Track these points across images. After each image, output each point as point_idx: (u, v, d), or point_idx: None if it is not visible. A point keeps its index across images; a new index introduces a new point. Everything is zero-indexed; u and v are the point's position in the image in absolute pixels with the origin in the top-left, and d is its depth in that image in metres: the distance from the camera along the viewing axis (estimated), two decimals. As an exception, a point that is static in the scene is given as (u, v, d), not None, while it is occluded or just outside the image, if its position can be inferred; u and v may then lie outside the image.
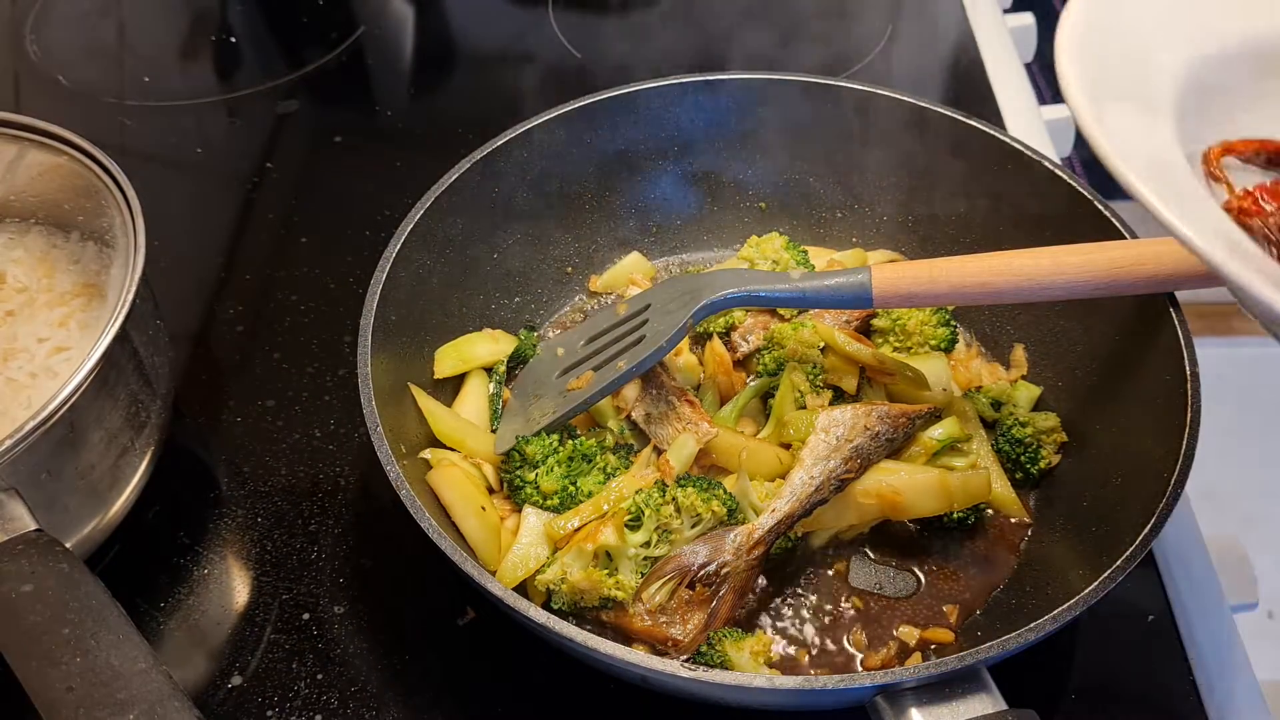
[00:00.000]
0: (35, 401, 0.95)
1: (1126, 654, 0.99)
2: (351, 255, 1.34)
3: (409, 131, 1.56)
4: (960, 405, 1.08)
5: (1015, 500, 1.04)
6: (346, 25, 1.73)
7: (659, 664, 0.78)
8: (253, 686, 0.97)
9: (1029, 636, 0.79)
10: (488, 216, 1.17)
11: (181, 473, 1.13)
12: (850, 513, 1.00)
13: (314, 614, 1.02)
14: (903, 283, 0.96)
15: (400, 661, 0.99)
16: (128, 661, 0.73)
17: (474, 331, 1.15)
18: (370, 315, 0.99)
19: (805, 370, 1.07)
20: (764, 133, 1.25)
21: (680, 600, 0.93)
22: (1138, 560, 0.82)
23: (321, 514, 1.10)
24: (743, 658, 0.91)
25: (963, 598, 0.99)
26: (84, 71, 1.65)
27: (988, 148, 1.14)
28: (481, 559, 0.95)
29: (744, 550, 0.94)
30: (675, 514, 0.93)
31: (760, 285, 1.01)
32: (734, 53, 1.64)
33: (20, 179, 1.08)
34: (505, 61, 1.68)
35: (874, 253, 1.25)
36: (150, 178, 1.43)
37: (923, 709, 0.77)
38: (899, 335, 1.14)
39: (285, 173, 1.50)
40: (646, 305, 1.06)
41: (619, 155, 1.25)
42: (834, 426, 0.98)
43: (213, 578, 1.05)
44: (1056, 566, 0.98)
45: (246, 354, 1.25)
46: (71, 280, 1.06)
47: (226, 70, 1.70)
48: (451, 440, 1.04)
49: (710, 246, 1.31)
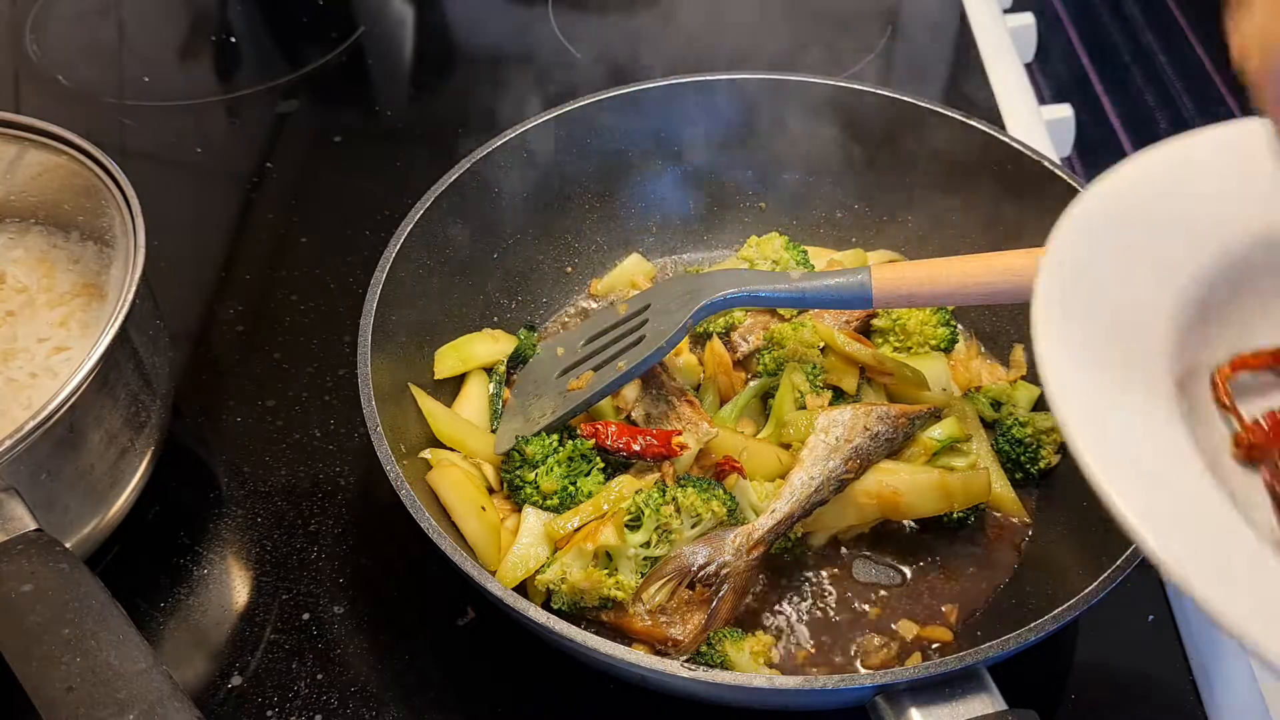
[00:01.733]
0: (35, 401, 0.95)
1: (1126, 654, 0.99)
2: (351, 255, 1.34)
3: (409, 131, 1.56)
4: (960, 405, 1.08)
5: (1015, 500, 1.04)
6: (346, 25, 1.73)
7: (659, 664, 0.78)
8: (253, 686, 0.97)
9: (1029, 636, 0.78)
10: (488, 216, 1.17)
11: (181, 473, 1.13)
12: (850, 513, 1.00)
13: (314, 614, 1.02)
14: (903, 283, 0.96)
15: (400, 661, 0.99)
16: (128, 661, 0.73)
17: (474, 331, 1.15)
18: (370, 315, 0.99)
19: (805, 370, 1.07)
20: (764, 133, 1.25)
21: (680, 600, 0.93)
22: (1138, 560, 0.82)
23: (321, 514, 1.10)
24: (743, 658, 0.91)
25: (963, 598, 0.99)
26: (84, 71, 1.65)
27: (988, 148, 1.14)
28: (481, 559, 0.95)
29: (744, 551, 0.94)
30: (675, 514, 0.93)
31: (760, 285, 1.01)
32: (734, 53, 1.64)
33: (20, 179, 1.08)
34: (505, 61, 1.68)
35: (874, 253, 1.25)
36: (150, 178, 1.43)
37: (922, 709, 0.77)
38: (899, 335, 1.14)
39: (285, 173, 1.50)
40: (646, 305, 1.06)
41: (619, 155, 1.25)
42: (833, 427, 0.98)
43: (213, 578, 1.05)
44: (1056, 566, 0.98)
45: (246, 354, 1.25)
46: (71, 280, 1.06)
47: (226, 70, 1.71)
48: (451, 440, 1.04)
49: (710, 246, 1.31)
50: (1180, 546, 0.55)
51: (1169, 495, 0.58)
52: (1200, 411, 0.69)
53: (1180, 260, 0.70)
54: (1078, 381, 0.62)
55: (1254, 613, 0.53)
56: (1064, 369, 0.62)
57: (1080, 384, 0.62)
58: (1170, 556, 0.54)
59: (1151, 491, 0.58)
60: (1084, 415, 0.60)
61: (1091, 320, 0.66)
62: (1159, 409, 0.63)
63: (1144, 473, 0.59)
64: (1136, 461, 0.59)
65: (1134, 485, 0.57)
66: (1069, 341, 0.64)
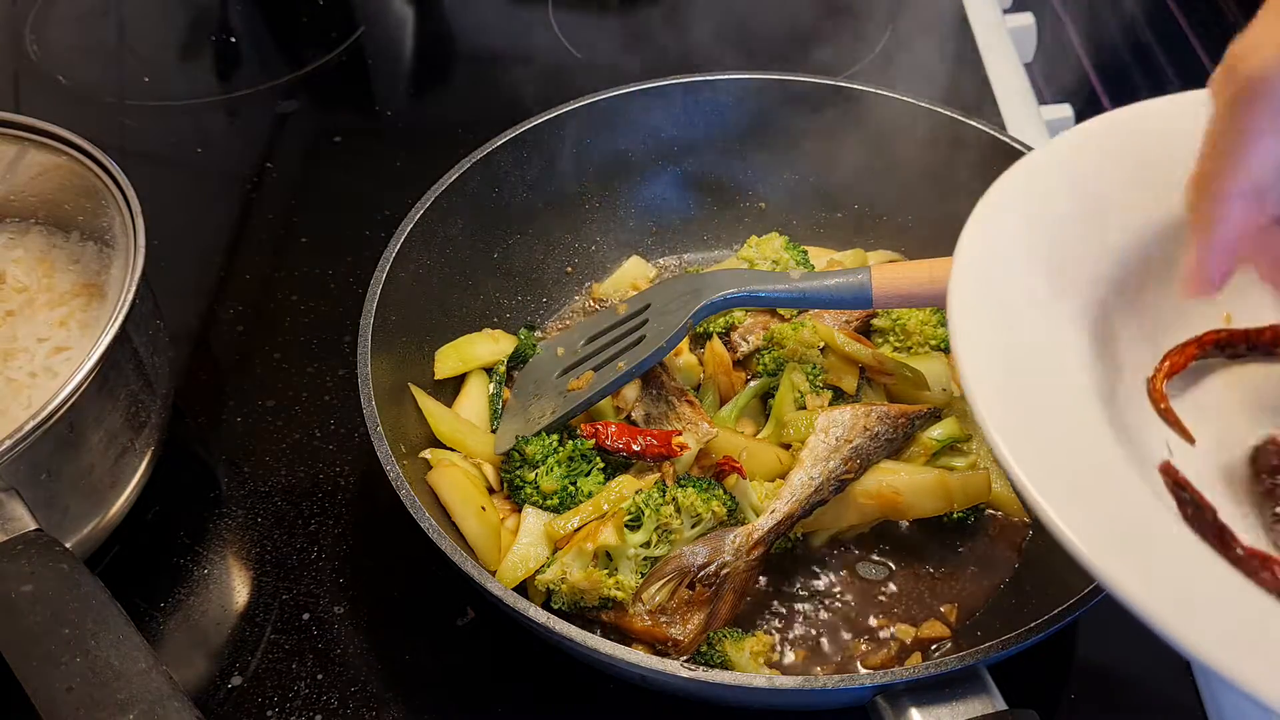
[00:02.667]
0: (35, 401, 0.95)
1: (1126, 654, 0.99)
2: (351, 255, 1.34)
3: (409, 131, 1.56)
4: (960, 405, 1.08)
5: (1015, 500, 1.04)
6: (346, 25, 1.73)
7: (659, 664, 0.78)
8: (253, 686, 0.97)
9: (1029, 636, 0.79)
10: (488, 216, 1.17)
11: (181, 473, 1.13)
12: (850, 513, 1.00)
13: (314, 614, 1.02)
14: (903, 283, 0.96)
15: (400, 661, 0.99)
16: (128, 661, 0.73)
17: (474, 331, 1.15)
18: (370, 315, 0.99)
19: (805, 370, 1.07)
20: (763, 133, 1.25)
21: (680, 600, 0.93)
22: (1138, 560, 0.82)
23: (321, 514, 1.10)
24: (743, 658, 0.91)
25: (963, 597, 1.00)
26: (84, 71, 1.65)
27: (988, 148, 1.14)
28: (481, 559, 0.95)
29: (744, 551, 0.94)
30: (675, 514, 0.93)
31: (760, 285, 1.01)
32: (734, 53, 1.64)
33: (20, 179, 1.08)
34: (505, 61, 1.68)
35: (874, 253, 1.25)
36: (150, 178, 1.42)
37: (922, 709, 0.77)
38: (899, 335, 1.14)
39: (285, 173, 1.50)
40: (646, 305, 1.06)
41: (619, 155, 1.25)
42: (833, 427, 0.98)
43: (213, 578, 1.05)
44: (1056, 566, 0.98)
45: (246, 354, 1.25)
46: (71, 280, 1.06)
47: (226, 70, 1.71)
48: (451, 440, 1.04)
49: (710, 246, 1.32)
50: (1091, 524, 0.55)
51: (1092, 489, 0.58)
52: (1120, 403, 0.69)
53: (1086, 257, 0.70)
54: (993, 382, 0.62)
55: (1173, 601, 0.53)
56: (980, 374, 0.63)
57: (995, 380, 0.62)
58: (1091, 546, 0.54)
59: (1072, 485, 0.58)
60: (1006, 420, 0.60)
61: (1004, 327, 0.66)
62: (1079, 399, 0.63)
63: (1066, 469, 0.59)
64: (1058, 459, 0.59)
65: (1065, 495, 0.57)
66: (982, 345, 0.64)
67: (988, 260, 0.69)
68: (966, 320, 0.66)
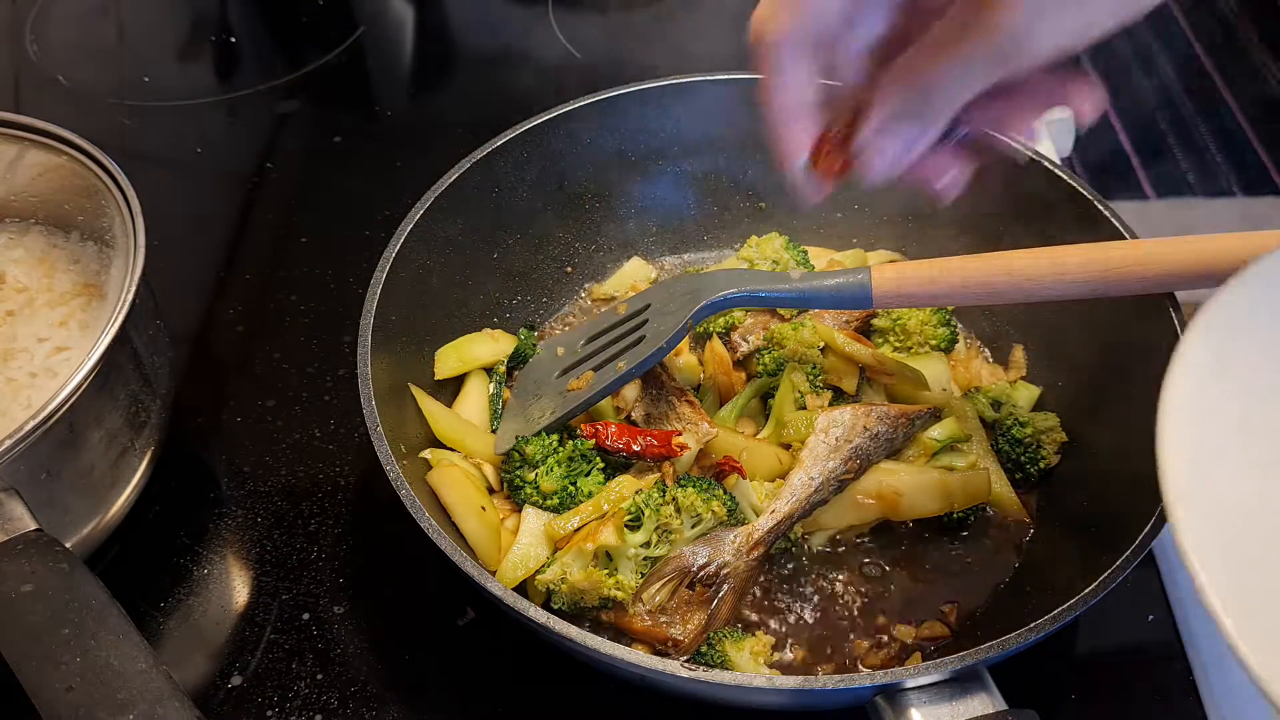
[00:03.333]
0: (35, 401, 0.95)
1: (1126, 654, 0.99)
2: (351, 255, 1.34)
3: (409, 131, 1.56)
4: (960, 405, 1.08)
5: (1015, 500, 1.04)
6: (346, 25, 1.73)
7: (659, 664, 0.78)
8: (253, 686, 0.97)
9: (1029, 636, 0.78)
10: (488, 216, 1.17)
11: (181, 473, 1.13)
12: (850, 513, 1.00)
13: (314, 614, 1.02)
14: (903, 283, 0.96)
15: (400, 661, 0.99)
16: (128, 661, 0.73)
17: (474, 332, 1.15)
18: (370, 315, 0.99)
19: (805, 370, 1.07)
20: (764, 133, 1.24)
21: (680, 600, 0.93)
22: (1138, 560, 0.82)
23: (321, 514, 1.10)
24: (743, 658, 0.91)
25: (963, 597, 0.99)
26: (84, 71, 1.65)
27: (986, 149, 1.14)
28: (481, 559, 0.95)
29: (744, 551, 0.94)
30: (675, 514, 0.93)
31: (760, 285, 1.01)
32: (734, 52, 1.64)
33: (20, 179, 1.08)
34: (505, 61, 1.68)
35: (874, 253, 1.25)
36: (150, 178, 1.43)
37: (922, 709, 0.77)
38: (899, 335, 1.14)
39: (285, 173, 1.50)
40: (646, 305, 1.06)
41: (619, 155, 1.25)
42: (833, 427, 0.98)
43: (213, 578, 1.05)
44: (1056, 566, 0.98)
45: (246, 354, 1.25)
46: (71, 280, 1.06)
47: (226, 70, 1.71)
48: (451, 440, 1.04)
49: (710, 246, 1.31)
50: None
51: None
52: None
53: None
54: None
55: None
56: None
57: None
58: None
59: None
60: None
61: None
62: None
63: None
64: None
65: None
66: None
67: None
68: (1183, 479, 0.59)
